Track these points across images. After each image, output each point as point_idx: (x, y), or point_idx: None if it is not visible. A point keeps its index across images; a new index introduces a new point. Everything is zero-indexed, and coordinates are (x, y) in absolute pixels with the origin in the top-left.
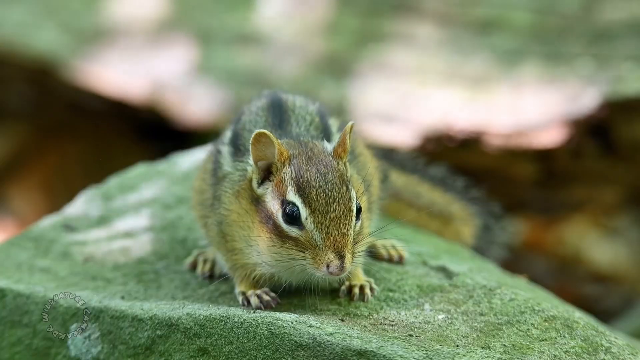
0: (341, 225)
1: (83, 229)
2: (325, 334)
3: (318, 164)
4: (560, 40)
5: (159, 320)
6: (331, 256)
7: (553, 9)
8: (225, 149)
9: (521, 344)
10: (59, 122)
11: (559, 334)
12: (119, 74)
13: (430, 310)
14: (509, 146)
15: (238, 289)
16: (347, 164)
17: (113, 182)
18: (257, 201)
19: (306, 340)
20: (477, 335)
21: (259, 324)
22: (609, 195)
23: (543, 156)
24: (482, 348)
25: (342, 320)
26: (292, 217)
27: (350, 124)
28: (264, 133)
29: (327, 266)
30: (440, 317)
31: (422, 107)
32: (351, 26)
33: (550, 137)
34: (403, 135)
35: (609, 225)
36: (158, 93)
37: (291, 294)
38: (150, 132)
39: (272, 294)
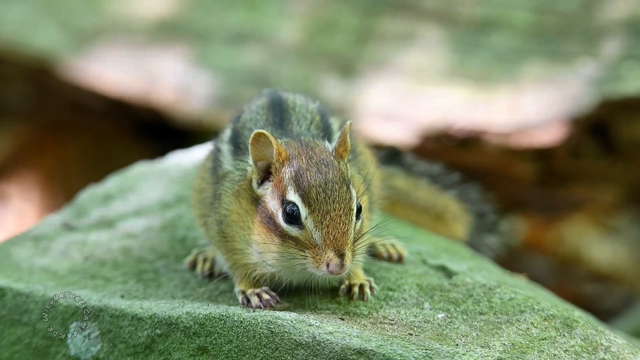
0: (341, 225)
1: (83, 228)
2: (325, 333)
3: (318, 164)
4: (560, 40)
5: (159, 319)
6: (331, 255)
7: (553, 8)
8: (225, 148)
9: (521, 343)
10: (59, 121)
11: (558, 333)
12: (119, 73)
13: (430, 309)
14: (508, 145)
15: (238, 287)
16: (348, 163)
17: (113, 181)
18: (257, 201)
19: (306, 339)
20: (477, 334)
21: (258, 323)
22: (608, 194)
23: (543, 155)
24: (482, 347)
25: (342, 319)
26: (292, 217)
27: (348, 123)
28: (263, 133)
29: (327, 265)
30: (439, 316)
31: (422, 106)
32: (351, 25)
33: (550, 136)
34: (403, 134)
35: (608, 224)
36: (159, 91)
37: (291, 293)
38: (150, 131)
39: (272, 293)
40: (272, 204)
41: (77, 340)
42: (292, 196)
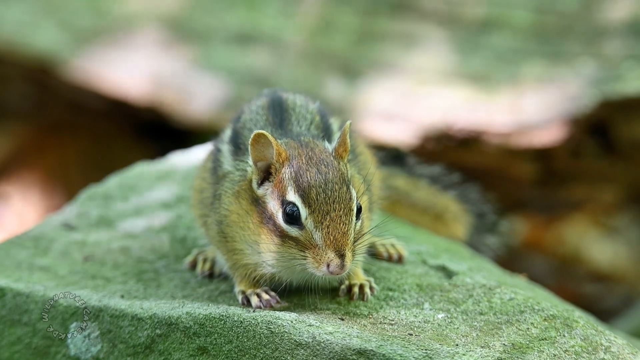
0: (341, 225)
1: (83, 228)
2: (325, 333)
3: (318, 164)
4: (560, 40)
5: (159, 319)
6: (331, 255)
7: (553, 8)
8: (226, 148)
9: (521, 343)
10: (59, 121)
11: (558, 333)
12: (119, 73)
13: (430, 310)
14: (508, 145)
15: (238, 288)
16: (348, 163)
17: (113, 181)
18: (257, 202)
19: (306, 339)
20: (477, 335)
21: (258, 323)
22: (608, 194)
23: (543, 155)
24: (482, 347)
25: (342, 319)
26: (292, 217)
27: (347, 123)
28: (263, 134)
29: (328, 265)
30: (439, 316)
31: (423, 107)
32: (351, 25)
33: (550, 136)
34: (403, 134)
35: (608, 224)
36: (159, 92)
37: (291, 293)
38: (150, 131)
39: (272, 293)
40: (272, 205)
41: (77, 340)
42: (292, 196)
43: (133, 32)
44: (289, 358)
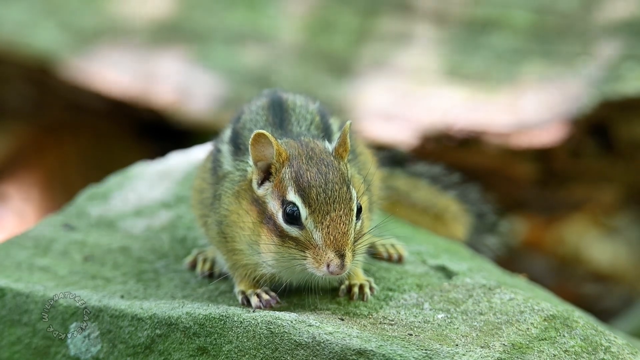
0: (341, 225)
1: (83, 228)
2: (325, 333)
3: (319, 164)
4: (560, 40)
5: (159, 320)
6: (331, 255)
7: (553, 9)
8: (226, 148)
9: (520, 343)
10: (59, 121)
11: (558, 333)
12: (119, 73)
13: (430, 310)
14: (508, 145)
15: (238, 288)
16: (348, 163)
17: (112, 181)
18: (257, 202)
19: (306, 340)
20: (477, 335)
21: (258, 323)
22: (608, 194)
23: (542, 155)
24: (482, 347)
25: (342, 320)
26: (293, 217)
27: (347, 123)
28: (263, 134)
29: (328, 265)
30: (439, 316)
31: (422, 107)
32: (351, 25)
33: (550, 136)
34: (403, 135)
35: (608, 224)
36: (159, 92)
37: (291, 293)
38: (150, 131)
39: (272, 293)
40: (273, 205)
41: (77, 340)
42: (293, 196)
43: (133, 32)
44: (288, 358)
